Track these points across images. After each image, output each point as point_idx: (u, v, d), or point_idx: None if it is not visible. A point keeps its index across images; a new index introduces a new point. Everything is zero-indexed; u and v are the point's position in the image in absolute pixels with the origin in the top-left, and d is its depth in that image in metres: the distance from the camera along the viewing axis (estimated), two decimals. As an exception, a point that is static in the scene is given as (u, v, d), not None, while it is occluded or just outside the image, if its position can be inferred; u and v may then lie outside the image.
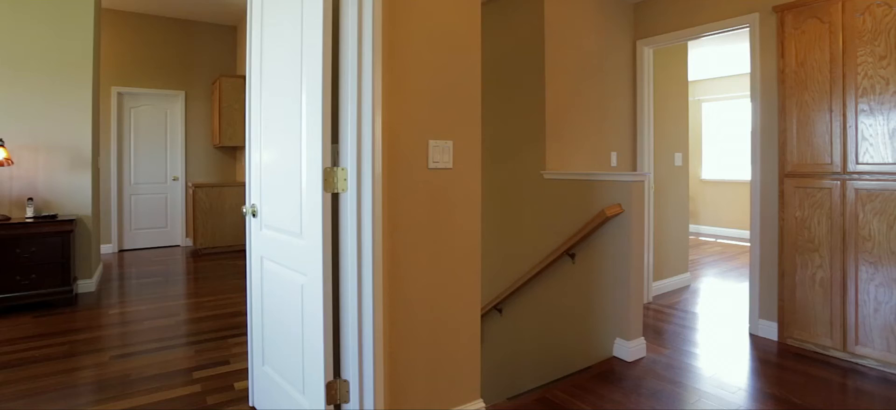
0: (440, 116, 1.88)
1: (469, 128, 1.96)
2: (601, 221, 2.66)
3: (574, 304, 2.97)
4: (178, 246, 6.09)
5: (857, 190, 2.63)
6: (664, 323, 3.33)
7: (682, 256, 4.29)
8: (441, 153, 1.88)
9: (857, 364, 2.60)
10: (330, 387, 1.61)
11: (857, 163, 2.63)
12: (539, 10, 3.33)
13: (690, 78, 7.56)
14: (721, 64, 6.59)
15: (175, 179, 6.13)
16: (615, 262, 2.70)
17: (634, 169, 3.93)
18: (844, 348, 2.64)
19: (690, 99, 7.77)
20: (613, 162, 3.74)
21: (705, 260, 5.51)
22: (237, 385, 2.27)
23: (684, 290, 4.15)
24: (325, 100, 1.61)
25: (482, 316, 3.70)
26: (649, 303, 3.77)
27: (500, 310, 3.53)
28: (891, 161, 2.51)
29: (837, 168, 2.70)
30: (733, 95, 7.23)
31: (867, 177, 2.59)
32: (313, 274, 1.63)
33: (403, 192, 1.79)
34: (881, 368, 2.52)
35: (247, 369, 2.41)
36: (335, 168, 1.65)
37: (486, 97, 3.82)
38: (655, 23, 3.80)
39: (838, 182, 2.69)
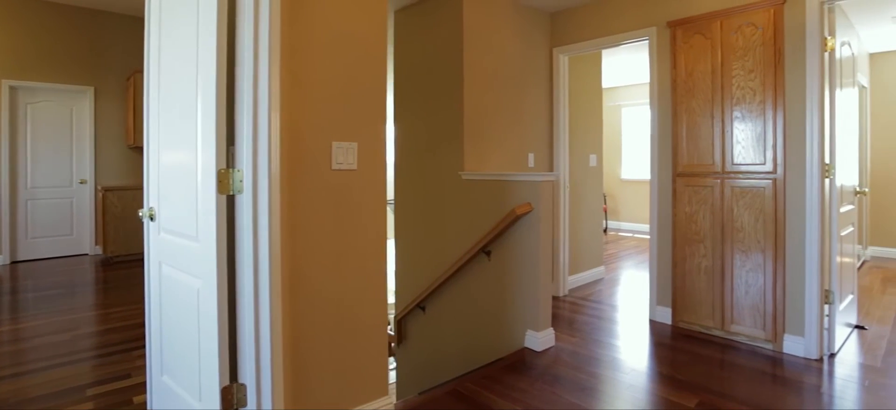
0: (344, 118, 1.91)
1: (374, 129, 2.00)
2: (512, 219, 2.81)
3: (490, 299, 3.10)
4: (87, 254, 5.62)
5: (732, 187, 2.96)
6: (576, 314, 3.56)
7: (596, 251, 4.59)
8: (345, 154, 1.91)
9: (732, 340, 2.93)
10: (226, 392, 1.59)
11: (733, 163, 2.96)
12: (458, 16, 3.44)
13: (612, 84, 8.08)
14: (638, 72, 7.10)
15: (82, 182, 5.65)
16: (526, 258, 2.86)
17: (551, 169, 4.16)
18: (722, 327, 2.98)
19: (611, 104, 8.31)
20: (531, 162, 3.94)
21: (622, 253, 5.92)
22: (136, 399, 2.17)
23: (598, 282, 4.45)
24: (220, 100, 1.59)
25: (406, 315, 3.75)
26: (565, 296, 4.01)
27: (423, 308, 3.60)
28: (758, 162, 2.86)
29: (718, 168, 3.03)
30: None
31: (741, 176, 2.93)
32: (208, 278, 1.61)
33: (306, 193, 1.81)
34: (750, 343, 2.87)
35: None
36: (230, 169, 1.64)
37: (406, 99, 3.88)
38: (570, 32, 4.05)
39: (719, 180, 3.02)
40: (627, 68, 6.88)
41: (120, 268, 4.95)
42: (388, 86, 6.62)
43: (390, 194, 6.76)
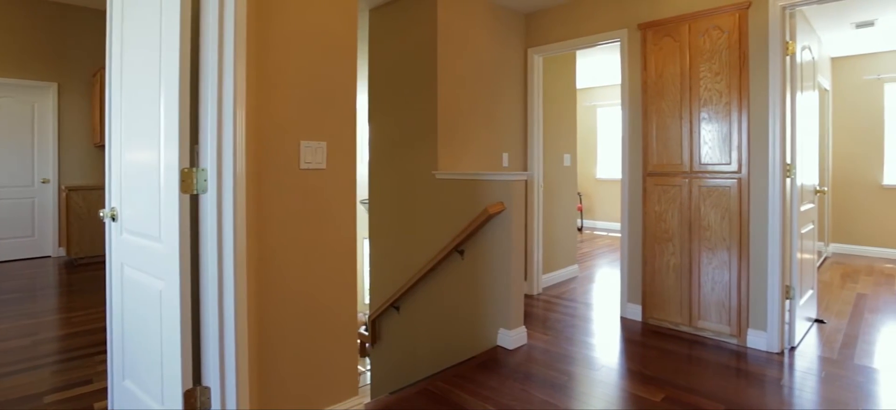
0: (313, 116, 1.89)
1: (343, 129, 1.99)
2: (485, 219, 2.82)
3: (463, 298, 3.11)
4: (49, 257, 5.41)
5: (700, 187, 3.04)
6: (549, 312, 3.60)
7: (570, 249, 4.65)
8: (314, 153, 1.89)
9: (699, 335, 3.02)
10: (189, 395, 1.55)
11: (701, 163, 3.04)
12: (432, 16, 3.44)
13: (587, 85, 8.19)
14: (613, 73, 7.23)
15: (44, 182, 5.43)
16: (498, 256, 2.88)
17: (525, 169, 4.20)
18: (690, 323, 3.06)
19: (586, 104, 8.43)
20: (505, 162, 3.97)
21: (596, 252, 6.02)
22: (97, 405, 2.10)
23: (572, 281, 4.51)
24: (183, 96, 1.55)
25: (380, 315, 3.73)
26: (538, 294, 4.05)
27: (397, 308, 3.59)
28: (724, 162, 2.95)
29: (686, 168, 3.10)
30: (623, 102, 7.94)
31: (708, 176, 3.01)
32: (171, 279, 1.57)
33: (274, 193, 1.78)
34: (716, 338, 2.96)
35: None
36: (194, 168, 1.60)
37: (381, 99, 3.86)
38: (544, 33, 4.09)
39: (687, 180, 3.10)
40: (602, 69, 6.99)
41: (84, 271, 4.78)
42: (361, 85, 6.56)
43: (365, 193, 6.72)
